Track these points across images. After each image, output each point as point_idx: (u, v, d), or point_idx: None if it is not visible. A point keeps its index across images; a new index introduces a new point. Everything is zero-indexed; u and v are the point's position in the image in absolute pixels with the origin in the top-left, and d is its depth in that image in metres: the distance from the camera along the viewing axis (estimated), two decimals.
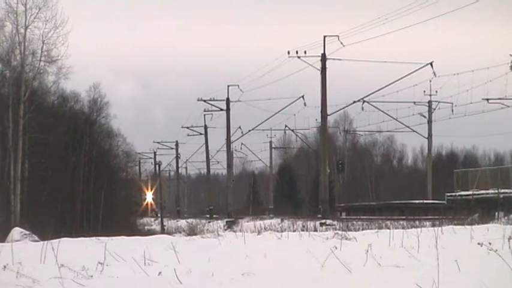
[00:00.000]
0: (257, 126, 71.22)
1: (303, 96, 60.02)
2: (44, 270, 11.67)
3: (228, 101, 68.20)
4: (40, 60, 40.54)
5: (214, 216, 76.71)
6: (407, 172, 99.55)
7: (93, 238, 17.81)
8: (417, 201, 54.00)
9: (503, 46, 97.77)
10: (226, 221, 63.10)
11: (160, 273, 11.50)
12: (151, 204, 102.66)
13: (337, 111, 61.10)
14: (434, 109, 63.32)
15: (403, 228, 23.76)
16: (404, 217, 42.52)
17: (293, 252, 14.30)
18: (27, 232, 24.10)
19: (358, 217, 50.90)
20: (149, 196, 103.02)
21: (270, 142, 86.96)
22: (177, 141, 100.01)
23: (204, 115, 75.25)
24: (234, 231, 28.71)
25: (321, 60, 51.65)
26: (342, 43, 50.55)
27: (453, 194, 46.18)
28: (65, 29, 40.12)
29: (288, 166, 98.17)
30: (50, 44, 40.12)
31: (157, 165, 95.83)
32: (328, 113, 54.05)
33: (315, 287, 10.27)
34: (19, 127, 39.07)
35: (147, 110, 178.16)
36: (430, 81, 55.44)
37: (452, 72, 52.88)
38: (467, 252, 12.45)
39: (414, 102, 61.93)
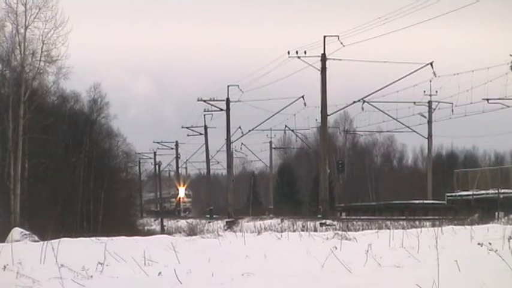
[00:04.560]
0: (257, 126, 71.32)
1: (303, 97, 60.07)
2: (44, 271, 11.69)
3: (228, 101, 68.21)
4: (40, 60, 40.48)
5: (214, 216, 76.72)
6: (407, 172, 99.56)
7: (93, 238, 17.85)
8: (417, 202, 53.96)
9: (503, 46, 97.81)
10: (226, 221, 63.07)
11: (160, 273, 11.51)
12: (183, 199, 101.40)
13: (337, 111, 61.25)
14: (434, 109, 63.39)
15: (403, 228, 23.77)
16: (404, 217, 42.52)
17: (293, 252, 14.31)
18: (27, 232, 24.13)
19: (358, 217, 50.86)
20: (182, 191, 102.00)
21: (270, 142, 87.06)
22: (177, 142, 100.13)
23: (204, 115, 75.39)
24: (234, 232, 28.72)
25: (321, 60, 51.65)
26: (342, 43, 50.63)
27: (453, 194, 46.17)
28: (65, 29, 40.02)
29: (288, 166, 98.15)
30: (50, 44, 40.06)
31: (157, 166, 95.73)
32: (328, 113, 54.08)
33: (315, 287, 10.27)
34: (19, 127, 39.02)
35: (147, 110, 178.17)
36: (430, 81, 55.53)
37: (452, 73, 52.98)
38: (467, 252, 12.46)
39: (414, 103, 62.02)
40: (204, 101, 70.81)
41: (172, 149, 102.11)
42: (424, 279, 9.55)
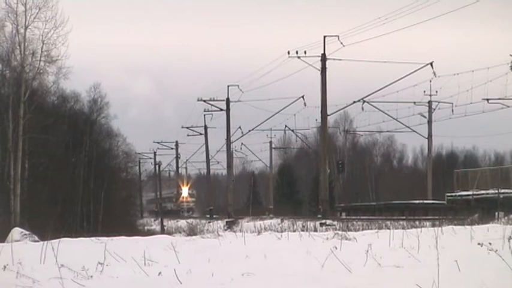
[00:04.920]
0: (257, 126, 71.28)
1: (303, 97, 60.02)
2: (44, 271, 11.68)
3: (228, 101, 68.20)
4: (40, 60, 40.49)
5: (214, 216, 76.70)
6: (407, 172, 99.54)
7: (93, 238, 17.85)
8: (417, 202, 53.95)
9: (503, 46, 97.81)
10: (226, 221, 63.06)
11: (160, 273, 11.52)
12: (186, 199, 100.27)
13: (337, 111, 61.23)
14: (434, 109, 63.37)
15: (403, 228, 23.77)
16: (404, 217, 42.52)
17: (293, 252, 14.31)
18: (27, 232, 24.12)
19: (358, 217, 50.86)
20: (185, 191, 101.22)
21: (270, 142, 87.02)
22: (177, 142, 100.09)
23: (204, 115, 75.36)
24: (234, 232, 28.71)
25: (321, 60, 51.64)
26: (342, 43, 50.58)
27: (453, 194, 46.16)
28: (64, 29, 40.02)
29: (288, 166, 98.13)
30: (50, 44, 40.06)
31: (157, 166, 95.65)
32: (328, 113, 54.07)
33: (315, 287, 10.27)
34: (19, 127, 39.03)
35: (147, 110, 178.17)
36: (430, 81, 55.48)
37: (452, 72, 52.94)
38: (468, 252, 12.46)
39: (414, 103, 62.00)
40: (204, 101, 70.83)
41: (172, 149, 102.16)
42: (424, 279, 9.55)
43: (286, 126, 72.38)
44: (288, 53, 53.11)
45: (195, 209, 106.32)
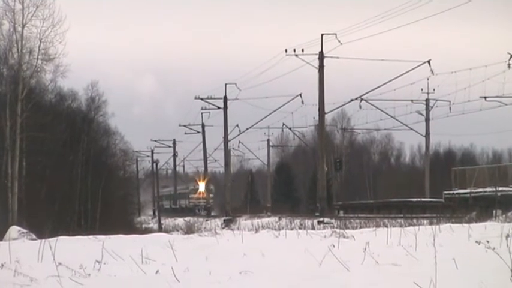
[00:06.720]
0: (255, 124, 71.30)
1: (300, 95, 60.01)
2: (41, 269, 11.68)
3: (225, 99, 68.20)
4: (37, 59, 40.47)
5: (211, 214, 76.61)
6: (405, 170, 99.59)
7: (91, 236, 17.84)
8: (415, 200, 53.96)
9: (501, 44, 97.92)
10: (224, 219, 63.11)
11: (157, 271, 11.51)
12: (203, 194, 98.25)
13: (334, 109, 61.28)
14: (432, 107, 63.33)
15: (401, 226, 23.75)
16: (402, 215, 42.55)
17: (291, 250, 14.31)
18: (24, 230, 24.10)
19: (356, 215, 50.82)
20: (202, 186, 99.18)
21: (268, 140, 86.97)
22: (174, 140, 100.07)
23: (202, 113, 75.32)
24: (232, 230, 28.67)
25: (319, 58, 51.63)
26: (339, 41, 50.59)
27: (451, 192, 46.12)
28: (62, 27, 40.00)
29: (285, 164, 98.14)
30: (48, 42, 40.05)
31: (154, 164, 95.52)
32: (326, 111, 54.09)
33: (312, 285, 10.27)
34: (16, 125, 39.02)
35: (144, 108, 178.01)
36: (428, 79, 55.57)
37: (450, 70, 52.96)
38: (465, 250, 12.47)
39: (412, 100, 61.95)
40: (202, 99, 70.80)
41: (170, 147, 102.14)
42: (422, 277, 9.55)
43: (283, 124, 72.50)
44: (286, 51, 53.15)
45: (213, 206, 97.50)
